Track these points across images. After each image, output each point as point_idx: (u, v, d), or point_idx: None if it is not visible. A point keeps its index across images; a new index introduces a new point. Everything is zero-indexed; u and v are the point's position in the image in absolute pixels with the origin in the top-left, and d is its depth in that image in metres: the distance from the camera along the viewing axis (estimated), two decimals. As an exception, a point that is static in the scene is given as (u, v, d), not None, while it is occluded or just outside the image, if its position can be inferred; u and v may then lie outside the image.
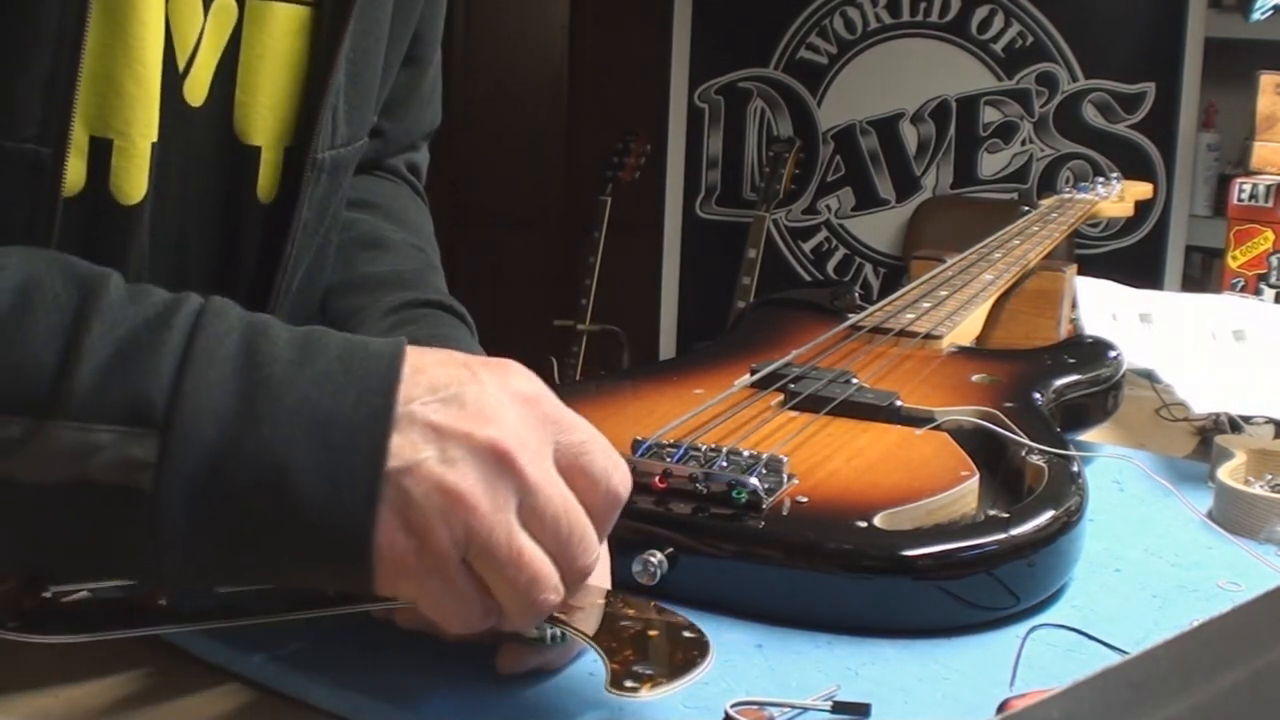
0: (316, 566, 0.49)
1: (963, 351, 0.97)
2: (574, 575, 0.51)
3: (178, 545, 0.47)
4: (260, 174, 0.70)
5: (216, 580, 0.51)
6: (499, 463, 0.49)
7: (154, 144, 0.64)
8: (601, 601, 0.55)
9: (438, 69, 0.92)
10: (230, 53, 0.68)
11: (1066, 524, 0.67)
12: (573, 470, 0.51)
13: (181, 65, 0.65)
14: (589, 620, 0.54)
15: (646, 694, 0.48)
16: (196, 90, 0.67)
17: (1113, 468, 0.89)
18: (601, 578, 0.57)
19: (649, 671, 0.49)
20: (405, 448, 0.48)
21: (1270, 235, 1.43)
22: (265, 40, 0.68)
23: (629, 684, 0.48)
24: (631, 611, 0.55)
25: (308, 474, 0.47)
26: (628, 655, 0.50)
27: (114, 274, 0.51)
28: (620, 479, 0.53)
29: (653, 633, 0.53)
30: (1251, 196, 1.45)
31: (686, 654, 0.51)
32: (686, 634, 0.53)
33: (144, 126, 0.63)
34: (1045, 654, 0.61)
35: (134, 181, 0.64)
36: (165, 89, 0.64)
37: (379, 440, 0.48)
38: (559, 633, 0.54)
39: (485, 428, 0.49)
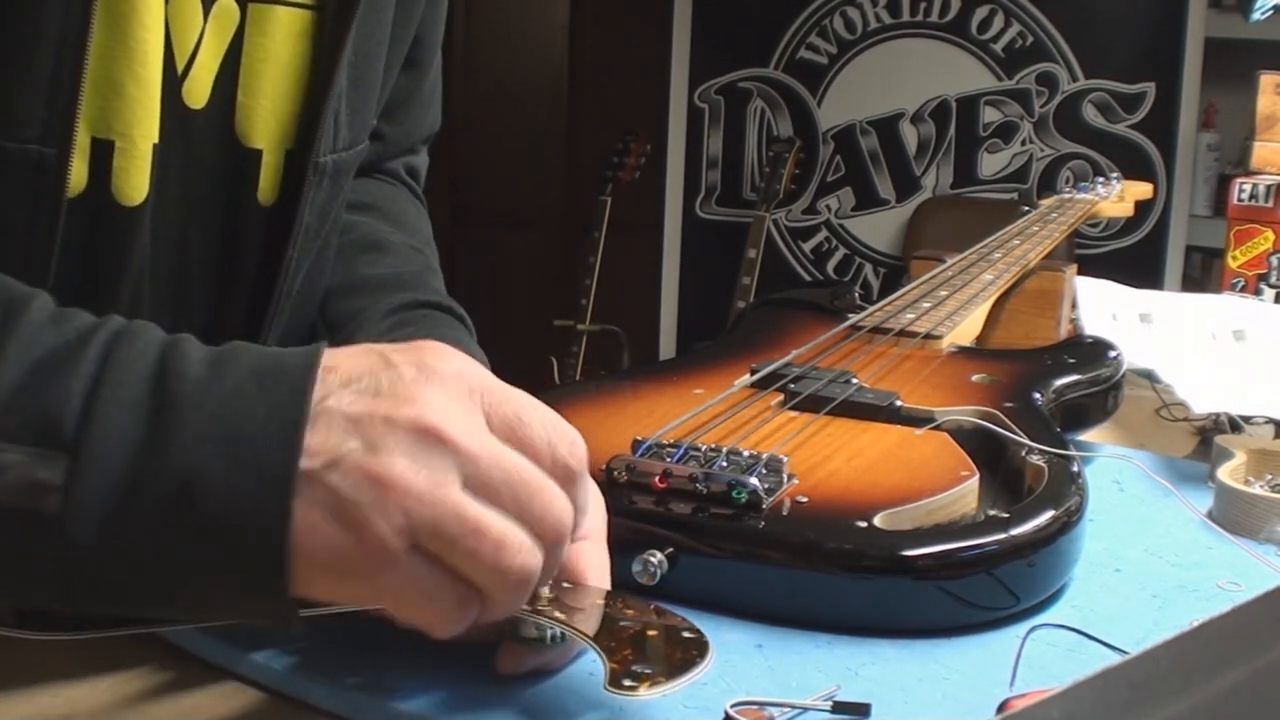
0: (235, 587, 0.47)
1: (963, 351, 0.97)
2: (548, 532, 0.49)
3: (85, 572, 0.46)
4: (261, 177, 0.70)
5: (132, 607, 0.48)
6: (427, 440, 0.47)
7: (155, 145, 0.64)
8: (601, 602, 0.56)
9: (438, 72, 0.92)
10: (232, 55, 0.67)
11: (1066, 524, 0.67)
12: (513, 443, 0.49)
13: (181, 67, 0.65)
14: (589, 621, 0.54)
15: (645, 693, 0.48)
16: (197, 93, 0.67)
17: (1113, 468, 0.89)
18: (601, 578, 0.57)
19: (648, 670, 0.49)
20: (326, 445, 0.47)
21: (1270, 235, 1.43)
22: (267, 43, 0.68)
23: (628, 683, 0.48)
24: (631, 612, 0.55)
25: (216, 492, 0.45)
26: (627, 655, 0.50)
27: (41, 295, 0.50)
28: (567, 448, 0.50)
29: (652, 632, 0.53)
30: (1251, 196, 1.45)
31: (686, 653, 0.51)
32: (686, 634, 0.53)
33: (145, 128, 0.63)
34: (1045, 654, 0.61)
35: (135, 183, 0.64)
36: (166, 91, 0.64)
37: (289, 446, 0.46)
38: (558, 633, 0.54)
39: (406, 408, 0.47)
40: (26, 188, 0.59)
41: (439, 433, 0.47)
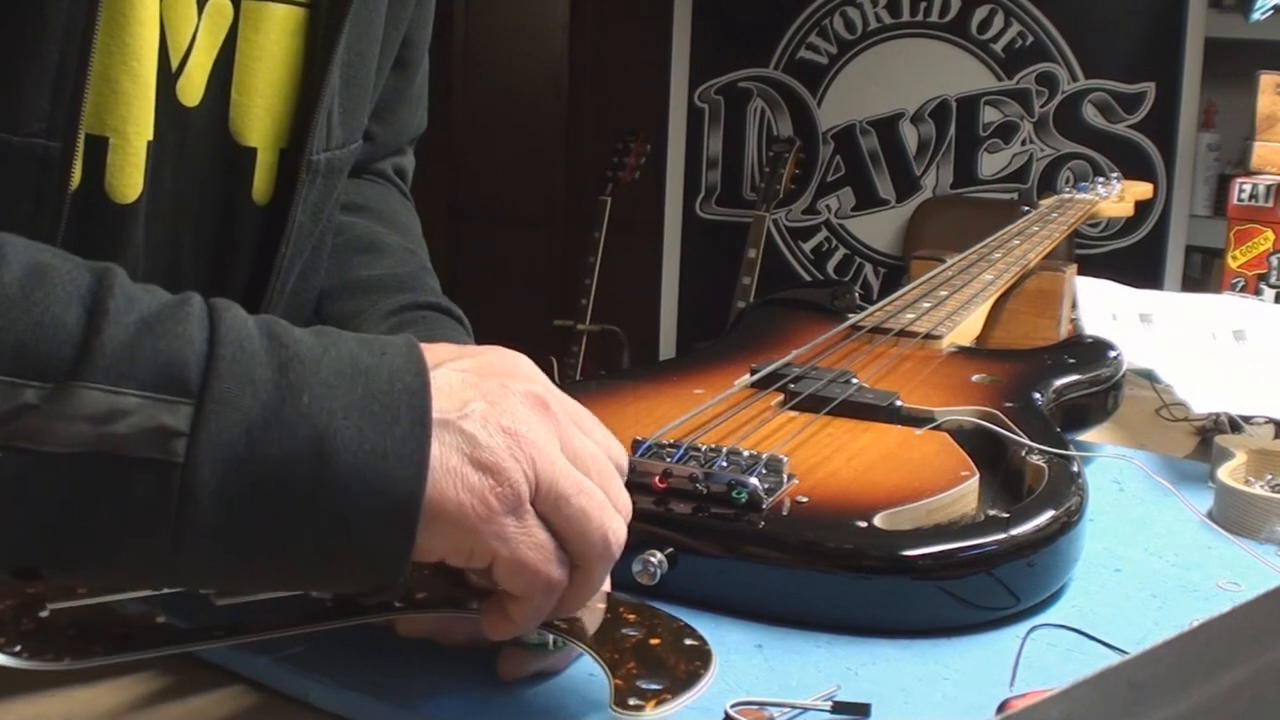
0: (358, 541, 0.46)
1: (963, 351, 0.97)
2: (623, 511, 0.52)
3: (201, 528, 0.44)
4: (256, 176, 0.70)
5: (230, 575, 0.47)
6: (537, 407, 0.50)
7: (149, 143, 0.64)
8: (602, 605, 0.55)
9: (425, 74, 0.92)
10: (226, 53, 0.67)
11: (1066, 524, 0.67)
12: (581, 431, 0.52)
13: (175, 65, 0.65)
14: (590, 626, 0.54)
15: (651, 712, 0.47)
16: (191, 90, 0.67)
17: (1113, 468, 0.89)
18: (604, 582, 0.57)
19: (653, 687, 0.48)
20: (453, 400, 0.48)
21: (1270, 235, 1.43)
22: (261, 41, 0.68)
23: (633, 702, 0.48)
24: (633, 617, 0.55)
25: (349, 440, 0.45)
26: (631, 669, 0.50)
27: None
28: (618, 450, 0.54)
29: (654, 641, 0.53)
30: (1251, 196, 1.45)
31: (690, 665, 0.50)
32: (689, 641, 0.53)
33: (140, 125, 0.63)
34: (1045, 654, 0.61)
35: (129, 180, 0.64)
36: (160, 88, 0.64)
37: (422, 392, 0.47)
38: (560, 639, 0.54)
39: (514, 380, 0.50)
40: (30, 182, 0.59)
41: (545, 402, 0.50)
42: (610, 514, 0.51)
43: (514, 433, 0.49)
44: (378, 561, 0.47)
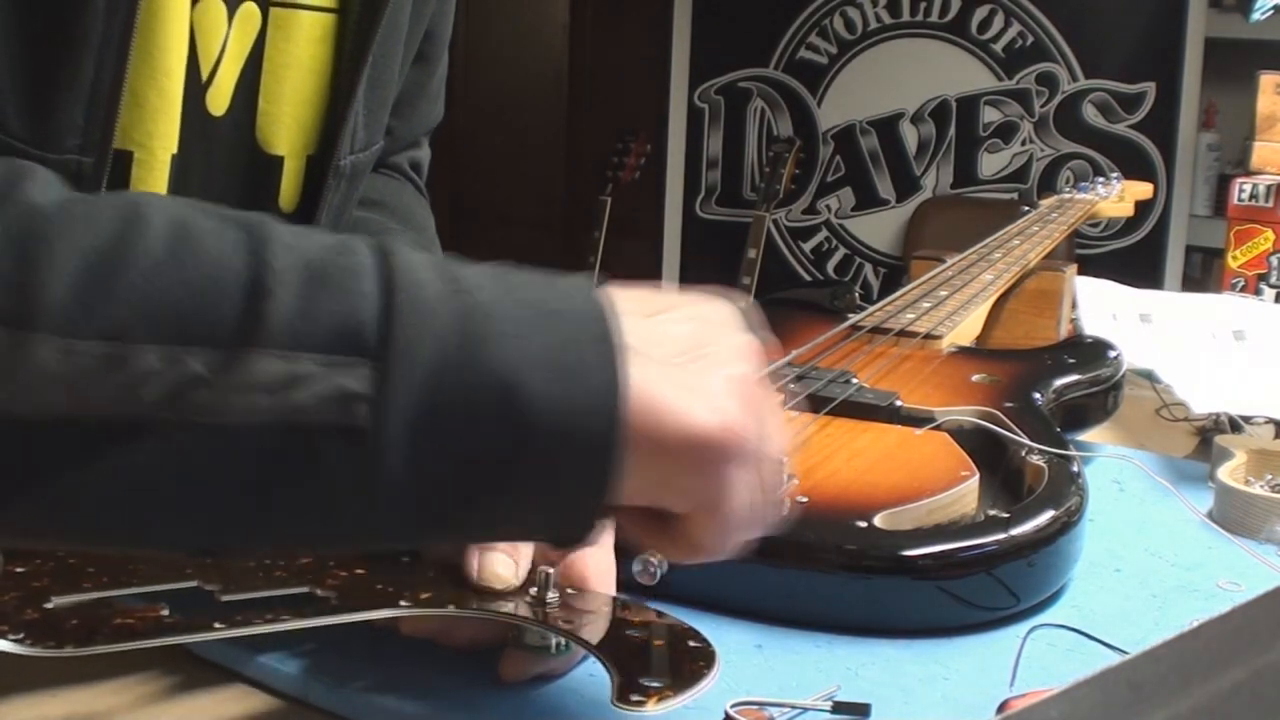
0: (553, 495, 0.44)
1: (963, 351, 0.97)
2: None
3: (397, 486, 0.42)
4: (284, 183, 0.70)
5: (422, 533, 0.46)
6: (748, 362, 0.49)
7: (174, 155, 0.63)
8: (607, 609, 0.55)
9: (444, 67, 0.91)
10: (253, 61, 0.66)
11: (1066, 524, 0.67)
12: None
13: (205, 75, 0.64)
14: (594, 629, 0.54)
15: (653, 709, 0.47)
16: (219, 100, 0.66)
17: (1113, 468, 0.89)
18: (607, 584, 0.57)
19: (655, 684, 0.48)
20: (653, 341, 0.46)
21: (1270, 235, 1.43)
22: (289, 48, 0.67)
23: (635, 698, 0.48)
24: (637, 619, 0.55)
25: (538, 390, 0.42)
26: (633, 667, 0.50)
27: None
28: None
29: (658, 642, 0.53)
30: (1251, 196, 1.45)
31: (693, 665, 0.50)
32: (692, 643, 0.53)
33: (165, 138, 0.62)
34: (1045, 654, 0.61)
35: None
36: (187, 99, 0.63)
37: (609, 345, 0.44)
38: (562, 641, 0.54)
39: (723, 330, 0.49)
40: None
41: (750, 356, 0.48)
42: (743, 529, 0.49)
43: (729, 368, 0.47)
44: (577, 510, 0.45)
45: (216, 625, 0.52)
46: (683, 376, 0.46)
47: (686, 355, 0.47)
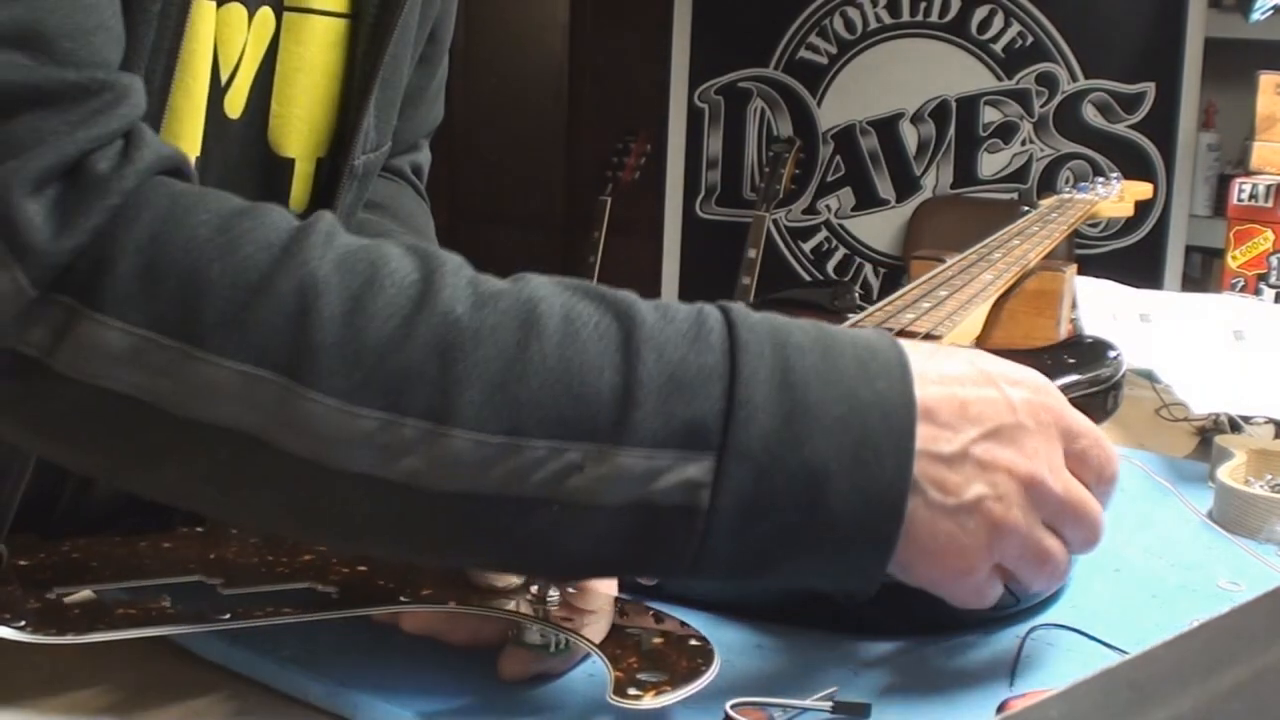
0: (838, 561, 0.52)
1: (963, 351, 0.96)
2: (1089, 540, 0.57)
3: (715, 560, 0.50)
4: (294, 186, 0.70)
5: (738, 578, 0.52)
6: (1032, 489, 0.54)
7: (197, 158, 0.63)
8: (609, 608, 0.55)
9: (445, 69, 0.91)
10: (267, 65, 0.67)
11: (1066, 524, 0.67)
12: (1078, 466, 0.56)
13: (225, 78, 0.65)
14: (595, 627, 0.54)
15: (650, 701, 0.47)
16: (236, 103, 0.66)
17: (1113, 468, 0.89)
18: (607, 584, 0.57)
19: (653, 679, 0.48)
20: (941, 428, 0.53)
21: (1270, 235, 1.43)
22: (302, 52, 0.68)
23: (632, 691, 0.48)
24: (636, 620, 0.55)
25: (841, 483, 0.50)
26: (632, 662, 0.50)
27: (634, 296, 0.53)
28: (1113, 469, 0.58)
29: (657, 640, 0.53)
30: (1251, 196, 1.45)
31: (692, 662, 0.51)
32: (693, 642, 0.53)
33: (190, 141, 0.63)
34: (1045, 654, 0.61)
35: None
36: (210, 103, 0.63)
37: (908, 443, 0.51)
38: (562, 640, 0.54)
39: (1022, 464, 0.54)
40: None
41: (1041, 484, 0.54)
42: (1058, 568, 0.56)
43: (1000, 525, 0.53)
44: (857, 579, 0.53)
45: (218, 617, 0.52)
46: (939, 482, 0.52)
47: (970, 433, 0.53)
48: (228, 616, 0.53)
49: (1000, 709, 0.54)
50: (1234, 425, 0.99)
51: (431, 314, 0.49)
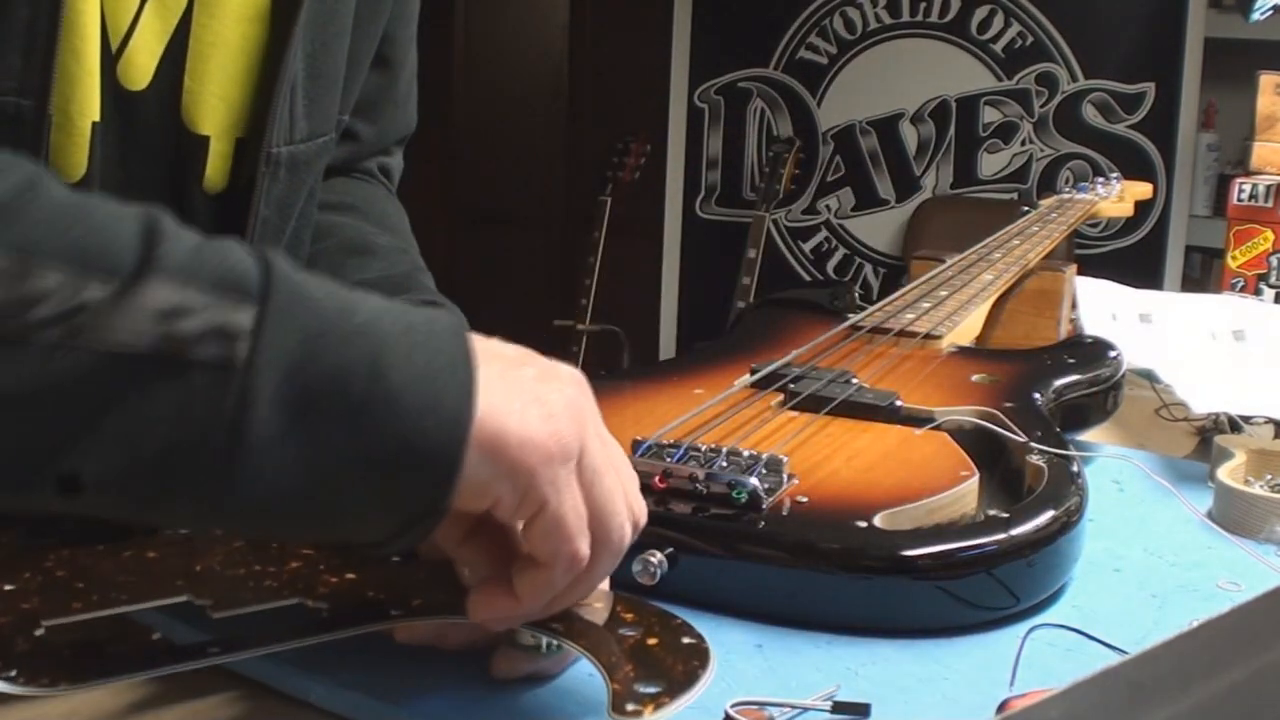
0: (407, 461, 0.46)
1: (963, 351, 0.97)
2: (639, 518, 0.53)
3: (254, 435, 0.44)
4: (208, 164, 0.69)
5: (276, 499, 0.45)
6: (582, 389, 0.52)
7: (95, 124, 0.63)
8: (600, 605, 0.55)
9: (412, 73, 0.91)
10: (179, 37, 0.66)
11: (1066, 524, 0.67)
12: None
13: (115, 46, 0.64)
14: (587, 627, 0.53)
15: (650, 717, 0.47)
16: (134, 74, 0.66)
17: (1113, 468, 0.89)
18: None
19: (651, 690, 0.48)
20: (504, 357, 0.50)
21: (1270, 235, 1.43)
22: (216, 26, 0.67)
23: (631, 707, 0.47)
24: (629, 616, 0.55)
25: (402, 356, 0.46)
26: (629, 672, 0.50)
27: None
28: (636, 485, 0.55)
29: (652, 641, 0.53)
30: (1251, 196, 1.45)
31: (688, 665, 0.50)
32: (686, 640, 0.53)
33: (82, 105, 0.62)
34: (1045, 654, 0.61)
35: (72, 160, 0.63)
36: (103, 69, 0.63)
37: (464, 342, 0.48)
38: (555, 641, 0.54)
39: (557, 368, 0.52)
40: (5, 140, 0.58)
41: (585, 390, 0.52)
42: (628, 510, 0.52)
43: (565, 397, 0.50)
44: (424, 483, 0.47)
45: (211, 650, 0.51)
46: (523, 385, 0.49)
47: (529, 375, 0.51)
48: (219, 650, 0.51)
49: (1000, 709, 0.54)
50: (1234, 425, 0.99)
51: None
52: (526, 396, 0.49)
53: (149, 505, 0.46)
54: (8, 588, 0.55)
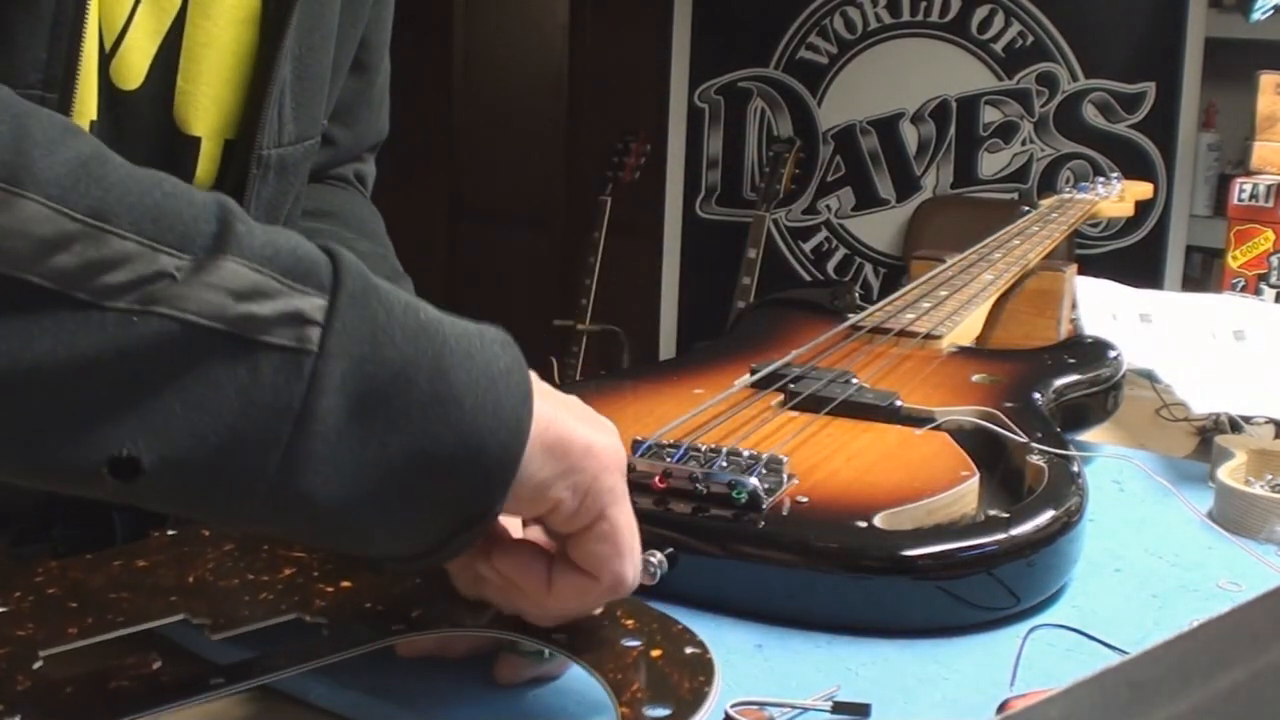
0: (465, 459, 0.46)
1: (963, 351, 0.97)
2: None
3: (320, 422, 0.43)
4: (199, 166, 0.69)
5: (336, 487, 0.45)
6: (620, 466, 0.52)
7: (92, 122, 0.63)
8: (598, 611, 0.55)
9: (386, 79, 0.91)
10: (173, 39, 0.66)
11: (1066, 524, 0.67)
12: None
13: (109, 45, 0.64)
14: (589, 636, 0.53)
15: None
16: (127, 74, 0.66)
17: (1113, 468, 0.89)
18: None
19: (660, 714, 0.48)
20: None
21: (1270, 235, 1.43)
22: (210, 28, 0.67)
23: None
24: (630, 623, 0.54)
25: (462, 357, 0.47)
26: (635, 691, 0.49)
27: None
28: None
29: (655, 653, 0.52)
30: (1251, 196, 1.45)
31: (694, 681, 0.50)
32: (690, 649, 0.52)
33: (82, 104, 0.62)
34: (1045, 654, 0.61)
35: None
36: (100, 69, 0.63)
37: (518, 355, 0.49)
38: (558, 653, 0.54)
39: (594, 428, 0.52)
40: None
41: (622, 466, 0.52)
42: (633, 558, 0.53)
43: (608, 425, 0.52)
44: (482, 483, 0.47)
45: (213, 681, 0.50)
46: (571, 405, 0.52)
47: (574, 401, 0.53)
48: (223, 681, 0.50)
49: (1000, 709, 0.54)
50: (1234, 425, 0.99)
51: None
52: (578, 413, 0.51)
53: (202, 497, 0.44)
54: (2, 610, 0.54)
